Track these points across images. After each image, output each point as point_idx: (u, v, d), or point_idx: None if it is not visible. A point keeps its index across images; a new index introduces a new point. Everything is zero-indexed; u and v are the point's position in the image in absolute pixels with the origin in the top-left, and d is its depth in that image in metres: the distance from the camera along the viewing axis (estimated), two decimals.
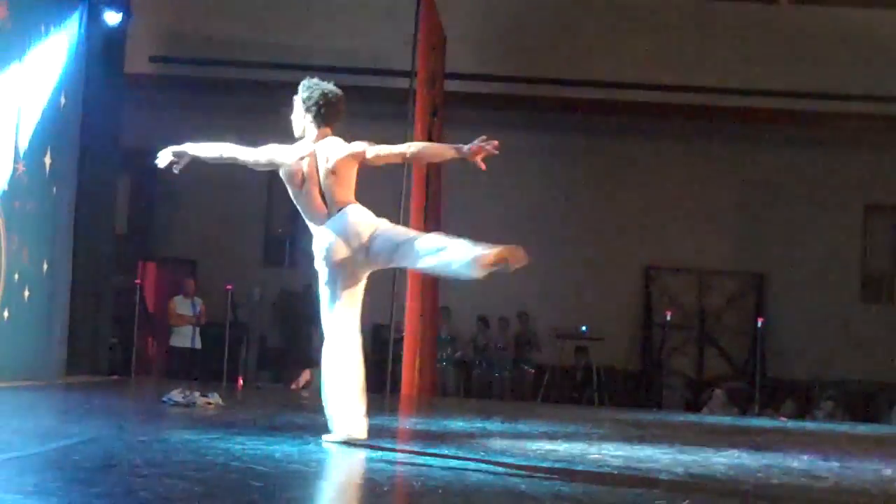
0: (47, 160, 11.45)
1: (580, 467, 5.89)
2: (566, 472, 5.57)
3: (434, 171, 14.05)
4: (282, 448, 5.97)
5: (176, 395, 9.02)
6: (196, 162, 6.73)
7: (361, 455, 5.90)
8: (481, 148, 6.14)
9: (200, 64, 17.58)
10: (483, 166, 6.22)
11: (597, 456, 6.66)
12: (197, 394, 9.14)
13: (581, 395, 16.49)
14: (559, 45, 17.61)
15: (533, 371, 16.87)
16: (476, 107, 16.85)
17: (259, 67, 17.33)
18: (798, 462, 7.05)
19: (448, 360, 16.72)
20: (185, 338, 15.20)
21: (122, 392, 11.66)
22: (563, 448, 7.18)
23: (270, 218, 18.22)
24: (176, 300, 15.42)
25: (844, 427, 12.38)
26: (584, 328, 16.97)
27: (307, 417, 8.72)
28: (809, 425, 12.59)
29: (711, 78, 17.25)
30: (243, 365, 16.55)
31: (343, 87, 7.00)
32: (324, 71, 17.56)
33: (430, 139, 13.58)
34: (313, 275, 6.53)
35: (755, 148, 17.96)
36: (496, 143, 6.13)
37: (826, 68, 17.21)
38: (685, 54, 17.43)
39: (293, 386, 14.62)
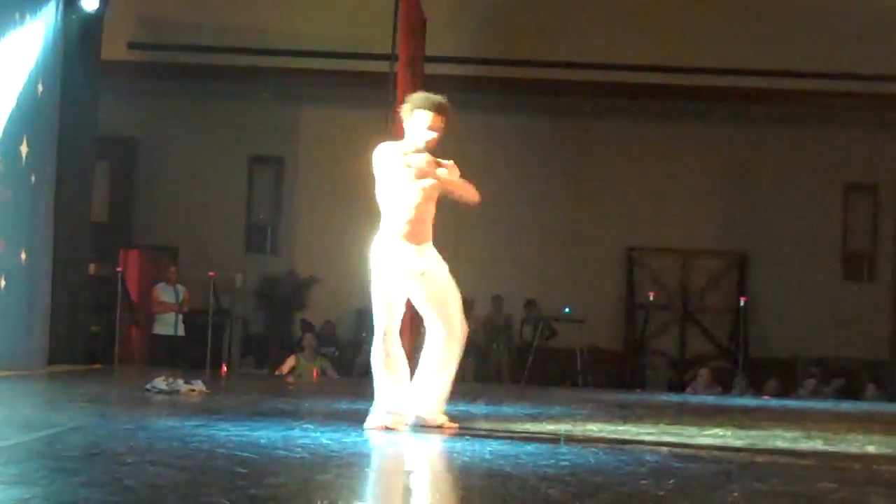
0: (24, 149, 11.38)
1: (565, 448, 5.89)
2: (551, 454, 5.57)
3: None
4: (266, 434, 5.96)
5: (159, 382, 9.01)
6: (176, 148, 6.71)
7: (347, 440, 5.89)
8: None
9: (178, 50, 17.48)
10: None
11: (581, 437, 6.67)
12: (181, 381, 9.13)
13: (565, 376, 16.50)
14: (540, 28, 17.58)
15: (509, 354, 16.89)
16: (458, 90, 16.77)
17: (238, 53, 17.26)
18: (782, 440, 7.07)
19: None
20: (168, 325, 15.17)
21: (105, 380, 11.62)
22: (548, 429, 7.19)
23: (252, 205, 18.17)
24: (158, 288, 15.37)
25: (827, 404, 12.45)
26: (566, 309, 16.98)
27: (291, 403, 8.73)
28: (793, 403, 12.65)
29: (693, 58, 17.23)
30: (227, 352, 16.53)
31: (323, 71, 6.96)
32: (304, 55, 17.69)
33: None
34: (296, 261, 6.52)
35: (736, 128, 17.99)
36: None
37: (806, 47, 17.22)
38: (666, 35, 17.40)
39: (277, 372, 14.63)
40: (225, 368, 14.98)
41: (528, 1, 17.70)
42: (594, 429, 7.28)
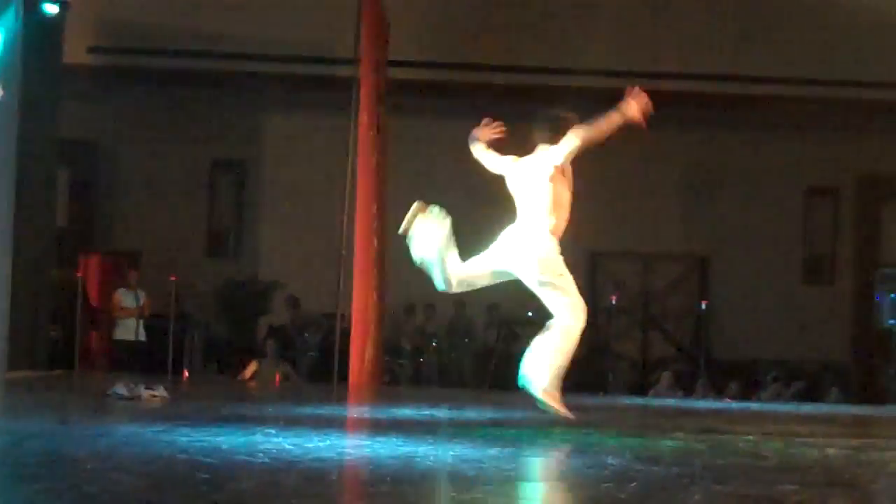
0: None
1: (528, 452, 5.90)
2: (514, 458, 5.58)
3: (381, 160, 14.00)
4: (229, 439, 5.93)
5: (121, 388, 8.94)
6: (137, 152, 6.69)
7: (310, 445, 5.87)
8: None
9: (140, 54, 17.40)
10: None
11: (544, 440, 6.68)
12: (142, 387, 9.06)
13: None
14: (506, 32, 17.60)
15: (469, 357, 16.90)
16: (422, 94, 16.83)
17: (200, 57, 17.19)
18: (743, 442, 7.11)
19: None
20: (129, 330, 15.08)
21: (65, 386, 11.54)
22: (511, 433, 7.20)
23: (214, 209, 18.09)
24: (119, 292, 15.28)
25: (788, 407, 12.54)
26: (529, 313, 16.99)
27: (254, 408, 8.69)
28: (754, 406, 12.73)
29: (653, 62, 17.32)
30: (189, 357, 16.43)
31: (285, 76, 6.96)
32: (266, 60, 17.63)
33: (376, 128, 13.56)
34: (259, 266, 6.51)
35: (698, 132, 18.08)
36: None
37: (766, 51, 17.35)
38: (630, 40, 17.48)
39: (239, 377, 14.58)
40: (186, 374, 14.89)
41: (494, 5, 17.73)
42: (557, 432, 7.30)
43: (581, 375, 17.34)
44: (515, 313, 17.02)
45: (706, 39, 17.42)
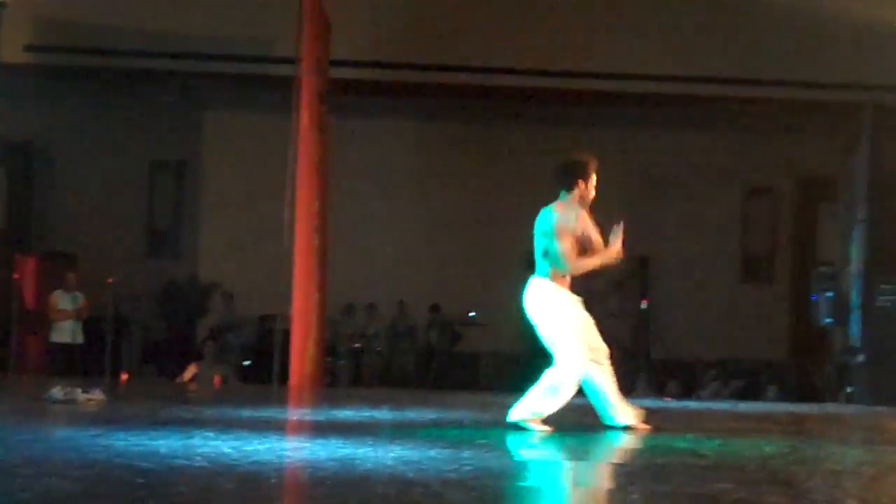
0: None
1: (468, 453, 5.90)
2: (454, 459, 5.58)
3: (321, 158, 13.96)
4: (166, 443, 5.87)
5: (57, 392, 8.84)
6: (75, 152, 6.61)
7: (249, 448, 5.83)
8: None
9: (78, 52, 17.18)
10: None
11: (484, 441, 6.68)
12: (79, 390, 8.96)
13: (469, 380, 16.54)
14: (447, 32, 17.61)
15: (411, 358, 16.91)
16: (363, 94, 16.80)
17: (139, 56, 17.01)
18: (682, 441, 7.17)
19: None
20: (66, 333, 14.90)
21: (0, 390, 11.36)
22: (451, 434, 7.20)
23: (153, 210, 17.92)
24: (56, 294, 15.08)
25: (727, 405, 12.65)
26: (471, 314, 17.03)
27: (192, 411, 8.62)
28: (693, 405, 12.84)
29: (594, 63, 17.41)
30: (127, 359, 16.27)
31: (226, 75, 6.90)
32: (207, 59, 17.52)
33: (318, 127, 13.52)
34: (198, 267, 6.47)
35: (637, 132, 18.20)
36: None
37: (705, 52, 17.49)
38: (567, 40, 17.55)
39: (178, 380, 14.46)
40: (125, 376, 14.74)
41: (435, 5, 17.73)
42: (497, 433, 7.31)
43: (522, 375, 17.42)
44: (457, 314, 17.06)
45: (647, 40, 17.52)
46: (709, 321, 17.78)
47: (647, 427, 7.63)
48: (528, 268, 7.87)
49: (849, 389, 15.20)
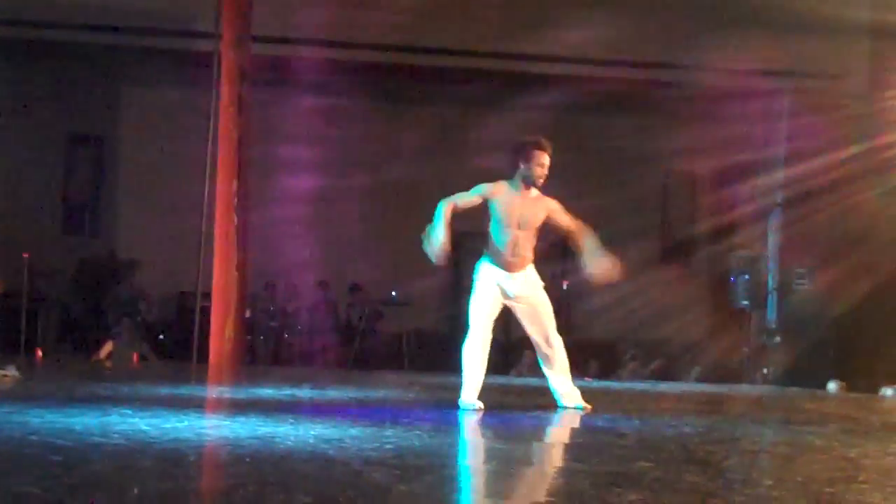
0: None
1: (389, 432, 5.89)
2: (376, 438, 5.56)
3: (242, 136, 13.80)
4: (82, 420, 5.78)
5: None
6: None
7: (167, 425, 5.76)
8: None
9: None
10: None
11: (406, 420, 6.67)
12: None
13: (391, 359, 16.54)
14: (372, 9, 17.45)
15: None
16: (285, 71, 16.62)
17: (56, 28, 16.64)
18: (602, 420, 7.22)
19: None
20: None
21: None
22: (372, 413, 7.18)
23: (69, 184, 17.60)
24: None
25: (646, 386, 12.80)
26: (393, 294, 17.01)
27: (109, 389, 8.50)
28: (614, 385, 12.96)
29: (517, 44, 17.38)
30: (42, 336, 16.00)
31: (147, 49, 6.77)
32: (125, 33, 17.19)
33: (239, 104, 13.36)
34: (116, 244, 6.35)
35: (561, 114, 18.23)
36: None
37: (631, 37, 17.51)
38: (493, 20, 17.51)
39: (94, 357, 14.27)
40: (40, 353, 14.50)
41: None
42: (419, 411, 7.31)
43: (446, 356, 17.44)
44: (379, 293, 17.03)
45: (569, 24, 17.53)
46: (629, 302, 17.91)
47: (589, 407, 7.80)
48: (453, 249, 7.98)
49: (765, 370, 15.46)
